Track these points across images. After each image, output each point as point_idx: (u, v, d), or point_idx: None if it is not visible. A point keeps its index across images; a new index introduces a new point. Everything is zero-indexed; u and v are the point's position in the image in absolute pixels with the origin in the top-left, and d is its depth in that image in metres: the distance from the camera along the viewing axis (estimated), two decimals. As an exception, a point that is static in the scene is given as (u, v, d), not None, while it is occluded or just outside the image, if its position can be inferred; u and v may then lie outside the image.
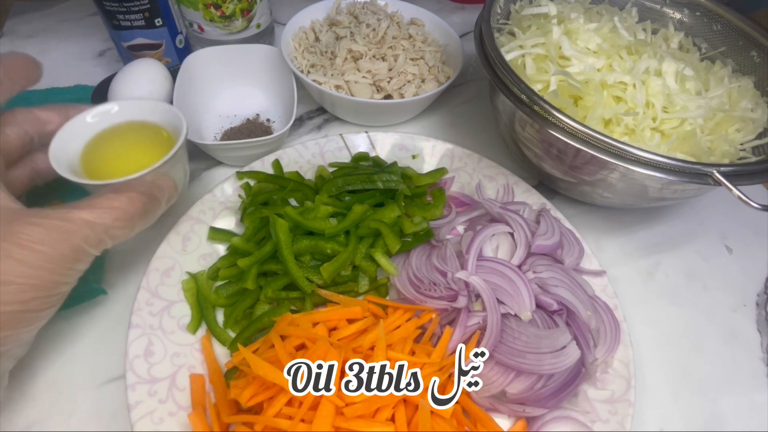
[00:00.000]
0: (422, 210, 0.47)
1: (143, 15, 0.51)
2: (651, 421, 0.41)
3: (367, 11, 0.61)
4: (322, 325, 0.38)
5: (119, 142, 0.40)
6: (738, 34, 0.53)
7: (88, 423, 0.37)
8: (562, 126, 0.39)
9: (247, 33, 0.61)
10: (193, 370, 0.38)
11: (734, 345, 0.46)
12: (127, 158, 0.40)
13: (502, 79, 0.43)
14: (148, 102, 0.42)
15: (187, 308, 0.41)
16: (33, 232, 0.28)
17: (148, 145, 0.41)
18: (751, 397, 0.43)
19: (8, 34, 0.67)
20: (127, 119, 0.41)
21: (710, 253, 0.53)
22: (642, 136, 0.44)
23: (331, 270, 0.40)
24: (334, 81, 0.55)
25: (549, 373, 0.37)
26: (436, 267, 0.42)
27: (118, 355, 0.38)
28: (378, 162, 0.52)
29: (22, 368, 0.39)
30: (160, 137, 0.41)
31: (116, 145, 0.40)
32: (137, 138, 0.41)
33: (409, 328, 0.38)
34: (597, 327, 0.41)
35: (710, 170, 0.37)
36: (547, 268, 0.42)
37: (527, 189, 0.51)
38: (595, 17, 0.52)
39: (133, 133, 0.41)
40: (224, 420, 0.35)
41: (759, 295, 0.50)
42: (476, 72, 0.67)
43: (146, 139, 0.41)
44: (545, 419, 0.37)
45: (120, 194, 0.32)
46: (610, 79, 0.45)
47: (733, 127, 0.46)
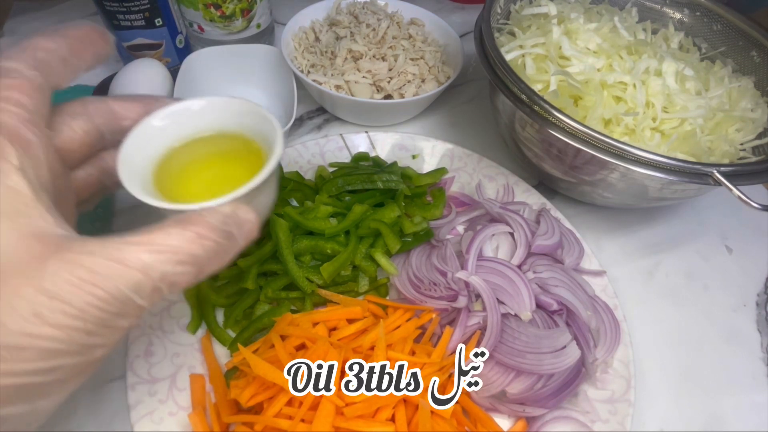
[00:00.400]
0: (422, 210, 0.47)
1: (143, 15, 0.51)
2: (651, 421, 0.41)
3: (367, 11, 0.61)
4: (322, 325, 0.38)
5: (197, 152, 0.31)
6: (738, 34, 0.53)
7: (88, 423, 0.37)
8: (562, 126, 0.39)
9: (247, 33, 0.61)
10: (193, 370, 0.38)
11: (734, 345, 0.46)
12: (202, 175, 0.31)
13: (502, 79, 0.43)
14: (239, 101, 0.31)
15: (187, 308, 0.41)
16: (70, 275, 0.20)
17: (232, 160, 0.31)
18: (751, 397, 0.43)
19: (8, 34, 0.67)
20: (213, 123, 0.31)
21: (710, 253, 0.53)
22: (642, 136, 0.44)
23: (331, 270, 0.40)
24: (334, 81, 0.55)
25: (549, 373, 0.37)
26: (436, 267, 0.42)
27: (118, 355, 0.38)
28: (378, 162, 0.52)
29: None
30: (248, 150, 0.31)
31: (193, 156, 0.31)
32: (220, 149, 0.31)
33: (409, 328, 0.38)
34: (597, 327, 0.41)
35: (710, 170, 0.37)
36: (547, 268, 0.42)
37: (527, 189, 0.51)
38: (595, 17, 0.52)
39: (216, 142, 0.31)
40: (224, 420, 0.35)
41: (759, 295, 0.50)
42: (476, 72, 0.67)
43: (231, 151, 0.31)
44: (545, 419, 0.37)
45: (186, 229, 0.23)
46: (610, 79, 0.45)
47: (733, 127, 0.46)
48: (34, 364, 0.20)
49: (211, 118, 0.31)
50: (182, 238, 0.23)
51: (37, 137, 0.23)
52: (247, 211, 0.26)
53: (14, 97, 0.22)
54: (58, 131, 0.26)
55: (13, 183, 0.21)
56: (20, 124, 0.22)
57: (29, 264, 0.20)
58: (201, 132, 0.31)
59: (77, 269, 0.20)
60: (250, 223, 0.26)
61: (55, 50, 0.25)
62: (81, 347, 0.21)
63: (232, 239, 0.25)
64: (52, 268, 0.20)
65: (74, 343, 0.21)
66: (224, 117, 0.31)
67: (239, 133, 0.31)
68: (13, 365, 0.20)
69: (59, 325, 0.20)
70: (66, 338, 0.20)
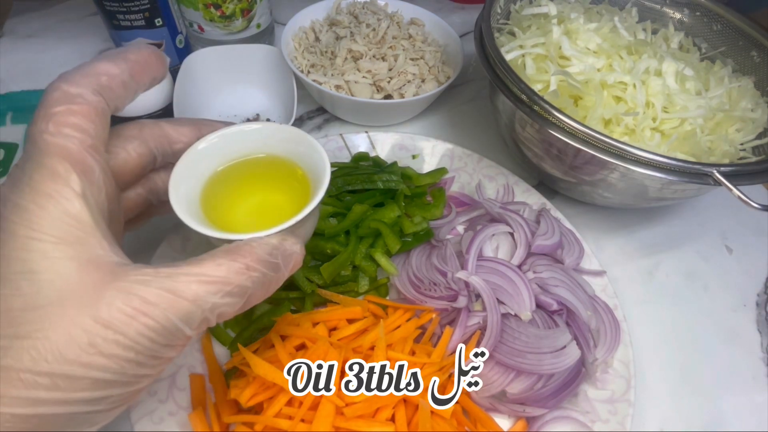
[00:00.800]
0: (422, 210, 0.47)
1: (143, 15, 0.51)
2: (651, 421, 0.41)
3: (367, 11, 0.61)
4: (322, 325, 0.38)
5: (244, 174, 0.31)
6: (738, 34, 0.53)
7: (88, 423, 0.37)
8: (562, 126, 0.39)
9: (247, 33, 0.61)
10: (193, 370, 0.38)
11: (734, 345, 0.46)
12: (248, 200, 0.31)
13: (502, 79, 0.43)
14: (290, 128, 0.31)
15: (187, 308, 0.41)
16: (125, 305, 0.21)
17: (278, 186, 0.31)
18: (751, 397, 0.43)
19: (8, 34, 0.67)
20: (261, 146, 0.31)
21: (710, 253, 0.53)
22: (642, 136, 0.44)
23: (331, 270, 0.40)
24: (334, 81, 0.55)
25: (549, 373, 0.37)
26: (436, 267, 0.42)
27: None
28: (378, 162, 0.51)
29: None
30: (294, 177, 0.31)
31: (240, 178, 0.31)
32: (266, 172, 0.32)
33: (409, 328, 0.38)
34: (597, 327, 0.41)
35: (710, 170, 0.37)
36: (547, 268, 0.42)
37: (527, 189, 0.51)
38: (595, 17, 0.52)
39: (263, 165, 0.31)
40: (224, 420, 0.35)
41: (759, 295, 0.50)
42: (476, 72, 0.67)
43: (277, 176, 0.31)
44: (545, 419, 0.37)
45: (236, 260, 0.23)
46: (610, 79, 0.45)
47: (733, 127, 0.46)
48: (87, 394, 0.20)
49: (260, 141, 0.31)
50: (232, 269, 0.23)
51: (98, 163, 0.23)
52: (293, 243, 0.26)
53: (78, 123, 0.23)
54: (115, 154, 0.27)
55: (75, 210, 0.22)
56: (83, 150, 0.22)
57: (87, 293, 0.20)
58: (248, 154, 0.31)
59: (132, 299, 0.21)
60: (297, 255, 0.27)
61: (118, 75, 0.25)
62: (131, 378, 0.22)
63: (278, 271, 0.25)
64: (108, 298, 0.20)
65: (125, 374, 0.21)
66: (273, 141, 0.31)
67: (287, 159, 0.31)
68: (68, 394, 0.20)
69: (113, 355, 0.20)
70: (118, 369, 0.21)
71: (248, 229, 0.26)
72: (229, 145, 0.31)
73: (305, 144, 0.30)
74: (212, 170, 0.30)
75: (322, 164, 0.29)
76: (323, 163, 0.29)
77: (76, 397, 0.20)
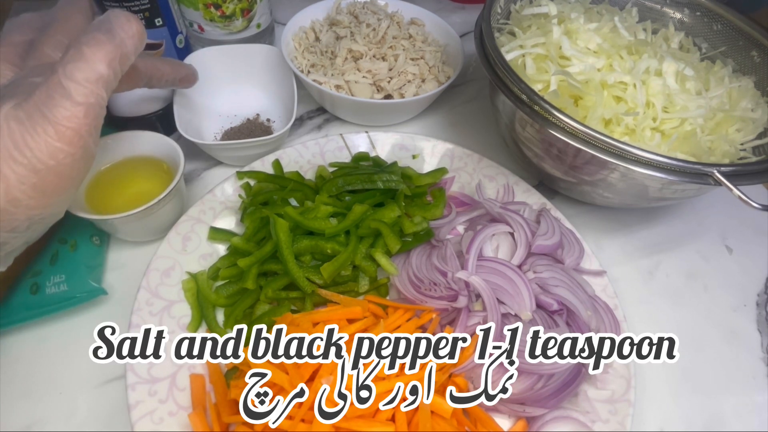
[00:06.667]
0: (422, 210, 0.47)
1: (143, 15, 0.51)
2: (651, 421, 0.41)
3: (368, 11, 0.61)
4: (322, 325, 0.38)
5: (121, 175, 0.44)
6: (738, 34, 0.53)
7: (88, 423, 0.37)
8: (563, 126, 0.39)
9: (247, 33, 0.61)
10: (193, 370, 0.38)
11: (734, 345, 0.46)
12: (128, 191, 0.44)
13: (502, 79, 0.43)
14: (146, 134, 0.45)
15: (187, 308, 0.41)
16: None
17: (149, 179, 0.45)
18: (751, 397, 0.43)
19: (8, 33, 0.67)
20: (126, 153, 0.45)
21: (710, 253, 0.53)
22: (642, 136, 0.44)
23: (331, 270, 0.40)
24: (335, 81, 0.55)
25: (549, 373, 0.37)
26: (436, 267, 0.42)
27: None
28: (378, 162, 0.52)
29: (23, 368, 0.39)
30: (160, 170, 0.45)
31: (118, 178, 0.44)
32: (137, 171, 0.45)
33: (410, 328, 0.38)
34: (597, 327, 0.41)
35: (710, 170, 0.37)
36: (548, 268, 0.42)
37: (527, 189, 0.51)
38: (595, 17, 0.52)
39: (134, 166, 0.45)
40: (224, 420, 0.35)
41: (759, 295, 0.50)
42: (476, 72, 0.67)
43: (146, 171, 0.45)
44: (545, 419, 0.37)
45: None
46: (611, 79, 0.45)
47: (734, 127, 0.46)
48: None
49: (127, 148, 0.45)
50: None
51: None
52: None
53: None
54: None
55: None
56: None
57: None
58: (125, 156, 0.45)
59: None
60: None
61: (169, 73, 0.42)
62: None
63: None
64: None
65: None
66: (142, 145, 0.45)
67: (154, 157, 0.45)
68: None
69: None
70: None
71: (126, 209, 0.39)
72: (113, 148, 0.44)
73: (166, 145, 0.44)
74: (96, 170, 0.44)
75: (179, 159, 0.43)
76: (180, 158, 0.43)
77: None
